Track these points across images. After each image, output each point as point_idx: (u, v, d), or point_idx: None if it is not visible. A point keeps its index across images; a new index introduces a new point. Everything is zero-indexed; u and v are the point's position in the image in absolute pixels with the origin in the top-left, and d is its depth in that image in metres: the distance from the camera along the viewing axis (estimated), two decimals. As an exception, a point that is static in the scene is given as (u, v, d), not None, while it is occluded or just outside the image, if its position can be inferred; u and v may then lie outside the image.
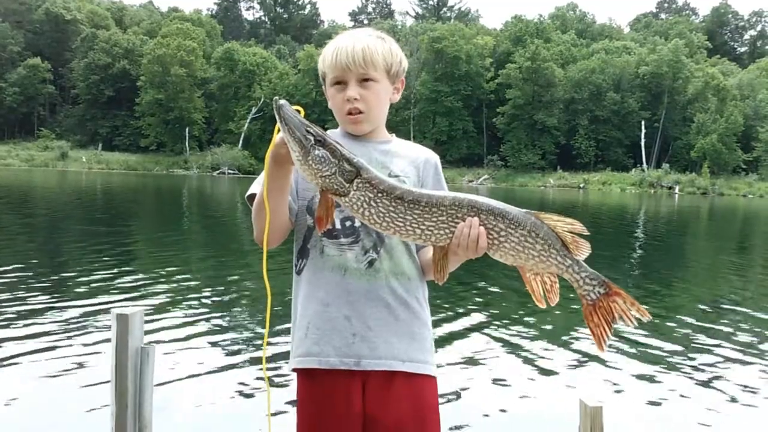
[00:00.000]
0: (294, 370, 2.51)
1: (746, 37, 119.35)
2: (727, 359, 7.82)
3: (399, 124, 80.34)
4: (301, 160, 2.12)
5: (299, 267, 2.53)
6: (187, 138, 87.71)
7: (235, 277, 12.13)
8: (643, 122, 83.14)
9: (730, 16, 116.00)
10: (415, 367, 2.43)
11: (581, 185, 76.70)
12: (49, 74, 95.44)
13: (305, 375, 2.47)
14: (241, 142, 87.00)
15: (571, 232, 2.19)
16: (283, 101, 2.15)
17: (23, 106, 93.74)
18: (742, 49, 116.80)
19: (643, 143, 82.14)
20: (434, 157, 2.60)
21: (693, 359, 7.76)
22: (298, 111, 2.19)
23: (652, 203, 51.43)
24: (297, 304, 2.54)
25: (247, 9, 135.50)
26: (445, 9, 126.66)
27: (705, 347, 8.34)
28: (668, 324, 9.51)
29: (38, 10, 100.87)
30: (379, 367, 2.39)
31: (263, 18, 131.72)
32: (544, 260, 2.19)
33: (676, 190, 72.17)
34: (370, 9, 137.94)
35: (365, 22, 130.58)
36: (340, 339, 2.40)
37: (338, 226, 2.43)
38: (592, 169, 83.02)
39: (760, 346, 8.51)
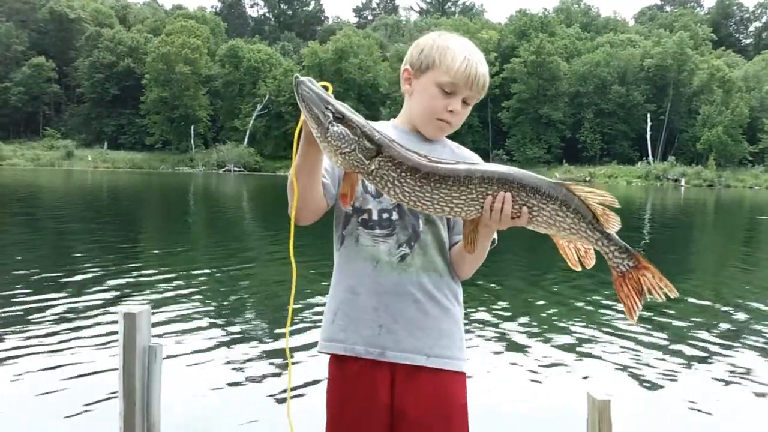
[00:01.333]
0: (321, 353, 2.54)
1: (751, 28, 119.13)
2: (736, 352, 7.81)
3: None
4: (320, 137, 2.11)
5: (336, 251, 2.55)
6: (192, 136, 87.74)
7: (243, 274, 12.15)
8: (648, 115, 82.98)
9: (735, 7, 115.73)
10: (440, 362, 2.44)
11: (587, 179, 76.50)
12: (53, 73, 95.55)
13: (336, 360, 2.50)
14: (246, 139, 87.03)
15: (602, 204, 2.18)
16: (303, 78, 2.14)
17: (28, 106, 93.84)
18: (748, 41, 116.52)
19: (648, 136, 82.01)
20: (475, 159, 2.57)
21: (701, 352, 7.75)
22: (326, 87, 2.17)
23: (658, 196, 51.35)
24: (331, 288, 2.57)
25: (251, 6, 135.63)
26: (449, 4, 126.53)
27: (713, 340, 8.32)
28: (676, 317, 9.48)
29: (42, 9, 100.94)
30: (404, 361, 2.41)
31: (267, 15, 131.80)
32: (575, 233, 2.19)
33: (682, 183, 72.06)
34: (374, 5, 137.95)
35: (370, 18, 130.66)
36: (367, 329, 2.42)
37: (375, 217, 2.44)
38: (598, 162, 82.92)
39: (768, 339, 8.50)
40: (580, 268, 2.26)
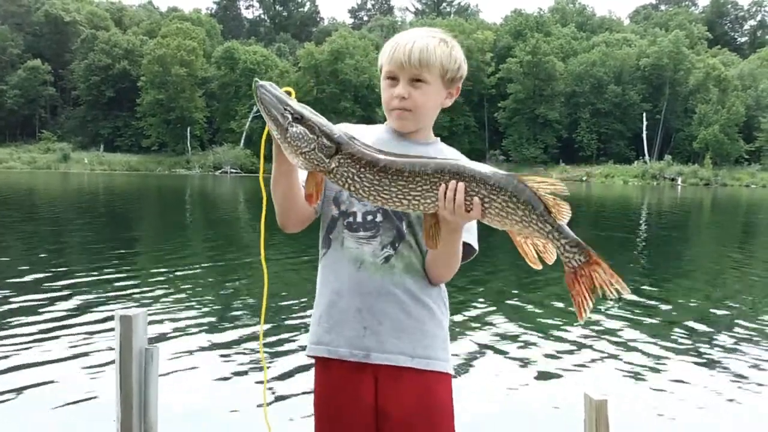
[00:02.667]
0: (308, 356, 2.54)
1: (746, 27, 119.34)
2: (733, 351, 7.81)
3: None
4: (280, 138, 2.14)
5: (321, 255, 2.55)
6: (188, 138, 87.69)
7: (240, 276, 12.14)
8: (644, 114, 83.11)
9: (729, 6, 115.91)
10: (423, 363, 2.43)
11: (584, 178, 76.68)
12: (49, 76, 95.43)
13: (321, 363, 2.50)
14: (242, 141, 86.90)
15: (553, 194, 2.15)
16: (263, 82, 2.18)
17: (24, 109, 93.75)
18: (743, 39, 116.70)
19: (645, 135, 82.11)
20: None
21: (698, 352, 7.75)
22: (289, 93, 2.20)
23: (655, 195, 51.40)
24: (317, 292, 2.57)
25: (247, 7, 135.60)
26: (444, 4, 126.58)
27: (710, 339, 8.33)
28: (673, 316, 9.50)
29: (37, 12, 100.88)
30: (388, 362, 2.40)
31: (263, 16, 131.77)
32: (527, 226, 2.15)
33: (679, 182, 72.12)
34: (369, 6, 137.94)
35: (365, 18, 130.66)
36: (351, 331, 2.42)
37: (359, 219, 2.44)
38: (595, 162, 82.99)
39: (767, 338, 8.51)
40: (540, 266, 2.21)
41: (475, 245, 2.47)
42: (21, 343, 7.33)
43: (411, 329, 2.42)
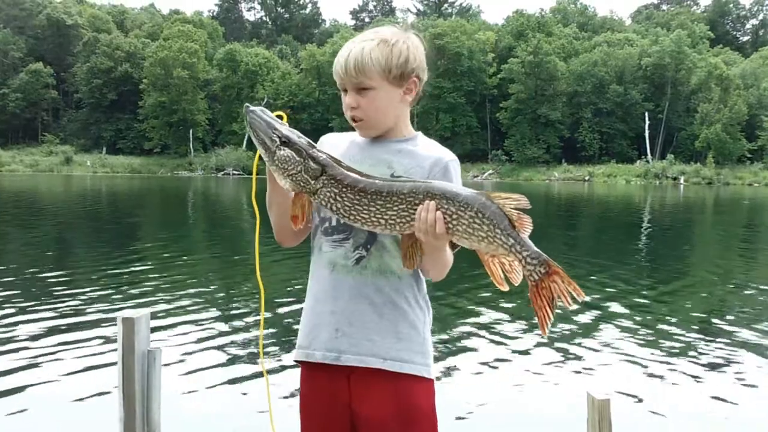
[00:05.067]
0: (294, 361, 2.57)
1: (748, 26, 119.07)
2: (736, 350, 7.80)
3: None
4: (269, 161, 2.25)
5: (310, 263, 2.58)
6: (191, 140, 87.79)
7: (242, 279, 12.14)
8: (646, 114, 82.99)
9: (731, 5, 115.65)
10: (397, 366, 2.40)
11: (586, 178, 76.61)
12: (51, 79, 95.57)
13: (305, 367, 2.52)
14: (245, 142, 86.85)
15: (516, 209, 2.16)
16: (254, 107, 2.29)
17: (27, 112, 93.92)
18: (745, 39, 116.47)
19: (647, 135, 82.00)
20: (446, 158, 2.49)
21: (701, 351, 7.75)
22: (281, 117, 2.31)
23: (657, 194, 51.34)
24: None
25: (248, 10, 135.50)
26: (446, 5, 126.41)
27: (714, 339, 8.32)
28: (677, 316, 9.49)
29: (39, 16, 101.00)
30: (360, 364, 2.39)
31: (264, 18, 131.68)
32: (492, 241, 2.17)
33: (681, 181, 72.05)
34: (371, 7, 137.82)
35: (366, 20, 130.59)
36: (326, 334, 2.43)
37: (334, 223, 2.44)
38: (597, 161, 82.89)
39: (769, 336, 8.50)
40: (506, 287, 2.22)
41: None
42: (24, 346, 7.34)
43: (384, 331, 2.41)
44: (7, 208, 28.12)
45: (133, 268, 13.03)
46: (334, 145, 2.38)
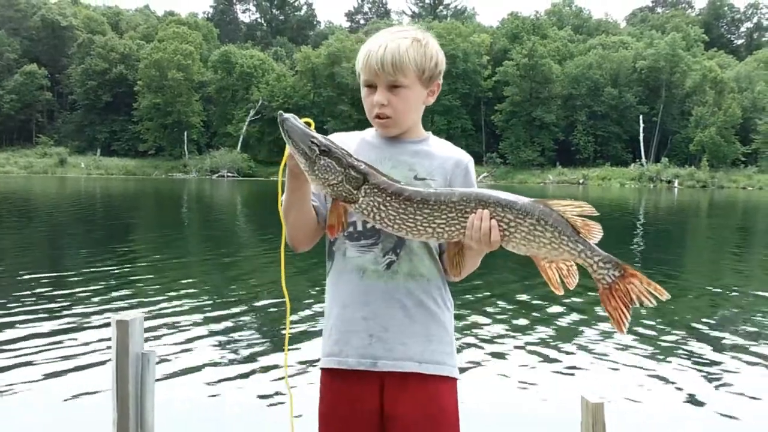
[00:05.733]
0: (321, 369, 2.54)
1: (743, 29, 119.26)
2: (730, 353, 7.82)
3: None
4: (308, 170, 2.18)
5: (327, 269, 2.56)
6: (185, 142, 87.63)
7: (236, 281, 12.15)
8: (641, 117, 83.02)
9: (726, 8, 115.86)
10: (431, 368, 2.43)
11: (581, 181, 76.64)
12: (46, 81, 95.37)
13: (326, 373, 2.51)
14: (239, 144, 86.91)
15: (581, 216, 2.19)
16: (287, 115, 2.21)
17: (21, 113, 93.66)
18: (739, 42, 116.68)
19: (641, 138, 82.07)
20: (465, 160, 2.55)
21: (695, 354, 7.76)
22: (308, 123, 2.23)
23: (651, 197, 51.41)
24: (326, 304, 2.58)
25: (243, 11, 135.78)
26: (441, 7, 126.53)
27: (708, 342, 8.34)
28: (670, 319, 9.50)
29: (34, 17, 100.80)
30: (395, 368, 2.41)
31: (259, 20, 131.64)
32: (556, 248, 2.18)
33: (676, 184, 72.10)
34: (366, 9, 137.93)
35: (362, 22, 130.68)
36: (358, 340, 2.43)
37: (360, 228, 2.44)
38: (592, 164, 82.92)
39: (764, 340, 8.51)
40: (562, 291, 2.23)
41: None
42: (17, 348, 7.32)
43: (416, 334, 2.43)
44: (0, 211, 28.05)
45: (127, 271, 13.02)
46: (343, 143, 2.36)
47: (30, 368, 6.66)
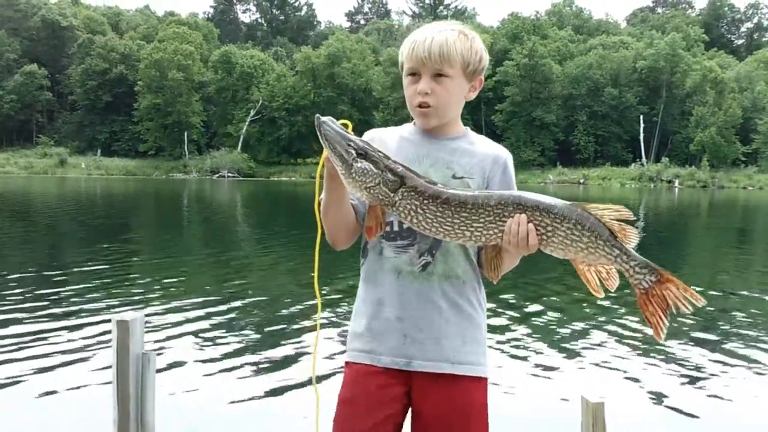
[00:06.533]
0: (347, 363, 2.56)
1: (743, 29, 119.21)
2: (730, 352, 7.82)
3: (398, 123, 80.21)
4: (344, 173, 2.19)
5: (361, 265, 2.58)
6: (185, 142, 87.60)
7: (237, 281, 12.14)
8: (641, 117, 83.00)
9: (726, 8, 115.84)
10: (464, 369, 2.47)
11: (581, 181, 76.62)
12: (46, 81, 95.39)
13: (353, 369, 2.52)
14: (240, 144, 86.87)
15: (618, 220, 2.19)
16: (325, 118, 2.21)
17: (21, 114, 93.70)
18: (739, 42, 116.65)
19: (642, 138, 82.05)
20: (504, 156, 2.56)
21: (696, 354, 7.76)
22: (345, 125, 2.26)
23: (652, 197, 51.38)
24: (357, 301, 2.59)
25: (244, 11, 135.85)
26: (441, 8, 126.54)
27: (707, 341, 8.34)
28: (671, 319, 9.48)
29: (34, 17, 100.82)
30: (430, 369, 2.43)
31: (260, 20, 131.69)
32: (593, 252, 2.19)
33: (676, 184, 72.08)
34: (366, 9, 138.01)
35: (362, 22, 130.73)
36: (393, 339, 2.44)
37: (396, 228, 2.45)
38: (592, 164, 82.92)
39: (764, 339, 8.51)
40: (602, 294, 2.24)
41: None
42: (18, 347, 7.32)
43: (452, 336, 2.45)
44: (0, 210, 28.05)
45: (127, 271, 13.01)
46: (382, 141, 2.37)
47: (30, 368, 6.66)
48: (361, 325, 2.52)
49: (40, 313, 8.98)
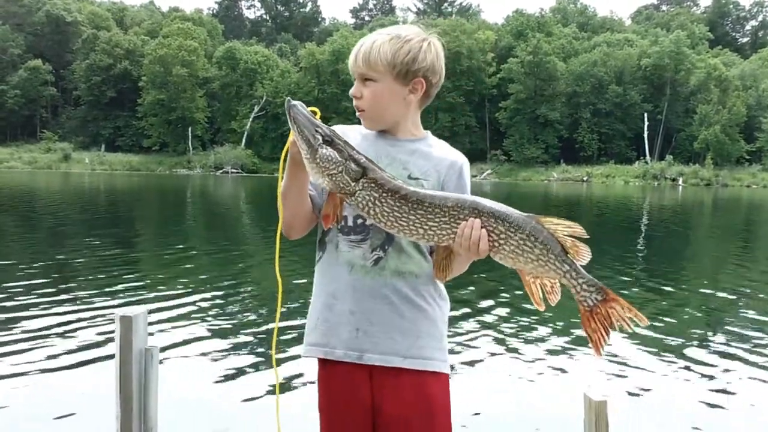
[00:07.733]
0: (304, 356, 2.58)
1: (748, 27, 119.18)
2: (733, 351, 7.81)
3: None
4: (309, 158, 2.20)
5: (317, 259, 2.59)
6: (189, 138, 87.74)
7: (240, 277, 12.14)
8: (645, 114, 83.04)
9: (731, 6, 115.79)
10: (417, 363, 2.46)
11: (585, 178, 76.63)
12: (50, 76, 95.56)
13: (322, 363, 2.55)
14: (243, 140, 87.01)
15: (571, 236, 2.20)
16: (295, 102, 2.23)
17: (25, 109, 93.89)
18: (744, 40, 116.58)
19: (646, 135, 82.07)
20: (460, 161, 2.57)
21: (698, 352, 7.75)
22: (314, 112, 2.27)
23: (656, 195, 51.34)
24: (313, 294, 2.61)
25: (248, 8, 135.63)
26: (446, 4, 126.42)
27: (711, 339, 8.33)
28: (674, 317, 9.49)
29: (39, 12, 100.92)
30: (382, 362, 2.44)
31: (264, 16, 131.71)
32: (543, 265, 2.20)
33: (680, 182, 72.08)
34: (371, 6, 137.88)
35: (366, 18, 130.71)
36: (345, 332, 2.46)
37: (350, 223, 2.47)
38: (596, 162, 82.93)
39: (766, 340, 8.49)
40: (543, 307, 2.26)
41: None
42: (21, 343, 7.33)
43: (404, 330, 2.46)
44: (4, 205, 28.09)
45: (130, 266, 13.03)
46: (345, 135, 2.37)
47: (32, 363, 6.66)
48: (315, 319, 2.55)
49: (42, 308, 8.98)
